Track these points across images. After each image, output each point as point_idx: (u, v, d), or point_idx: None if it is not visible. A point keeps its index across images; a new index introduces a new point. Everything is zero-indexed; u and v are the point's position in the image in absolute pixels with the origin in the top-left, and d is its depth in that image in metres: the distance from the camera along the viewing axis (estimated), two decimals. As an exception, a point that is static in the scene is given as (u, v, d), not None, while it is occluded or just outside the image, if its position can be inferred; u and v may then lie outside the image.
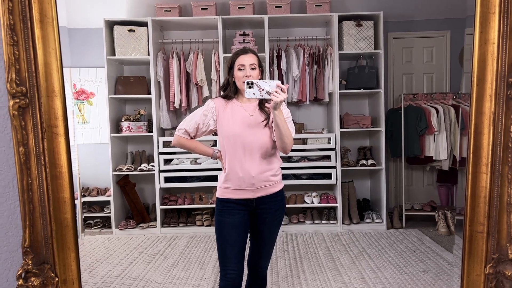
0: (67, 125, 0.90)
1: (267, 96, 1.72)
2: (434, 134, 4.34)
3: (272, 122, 1.85)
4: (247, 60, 1.92)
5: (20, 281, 0.89)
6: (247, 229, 1.98)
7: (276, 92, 1.70)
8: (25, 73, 0.87)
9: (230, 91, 1.98)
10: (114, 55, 4.35)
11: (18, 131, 0.84)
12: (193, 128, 2.01)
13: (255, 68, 1.93)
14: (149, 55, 4.30)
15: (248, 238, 2.06)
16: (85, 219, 4.64)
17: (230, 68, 1.98)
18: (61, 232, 0.91)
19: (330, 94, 4.46)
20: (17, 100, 0.85)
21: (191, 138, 2.05)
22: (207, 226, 4.33)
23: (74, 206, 0.93)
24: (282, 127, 1.79)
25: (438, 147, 4.34)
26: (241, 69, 1.91)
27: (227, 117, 1.93)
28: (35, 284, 0.89)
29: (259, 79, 1.95)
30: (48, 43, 0.91)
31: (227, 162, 1.93)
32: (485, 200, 0.93)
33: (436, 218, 4.33)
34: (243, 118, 1.91)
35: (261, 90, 1.71)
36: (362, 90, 4.40)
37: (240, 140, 1.89)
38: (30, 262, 0.89)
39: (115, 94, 4.41)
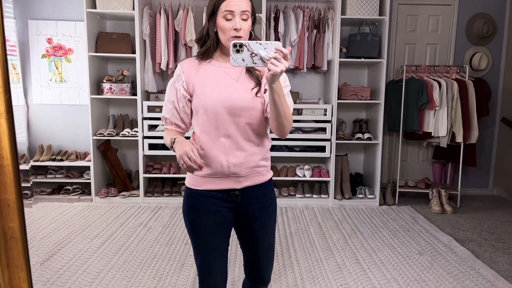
0: (10, 100, 0.63)
1: (261, 64, 1.24)
2: (435, 109, 4.13)
3: (265, 92, 1.40)
4: (238, 4, 1.37)
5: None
6: (230, 230, 1.55)
7: (274, 58, 1.21)
8: None
9: (210, 48, 1.45)
10: (95, 8, 3.93)
11: None
12: (171, 113, 1.48)
13: (247, 19, 1.40)
14: (134, 10, 3.91)
15: (239, 246, 1.65)
16: (62, 185, 4.37)
17: (211, 14, 1.42)
18: (5, 245, 0.67)
19: (329, 62, 4.18)
20: None
21: (182, 129, 1.51)
22: (193, 196, 4.12)
23: (22, 211, 0.68)
24: (280, 106, 1.33)
25: (438, 123, 4.15)
26: (228, 19, 1.38)
27: (202, 83, 1.43)
28: (-30, 313, 0.65)
29: (250, 37, 1.44)
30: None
31: (205, 142, 1.45)
32: None
33: (430, 195, 4.21)
34: (225, 84, 1.42)
35: (253, 55, 1.23)
36: (362, 59, 4.11)
37: (222, 114, 1.40)
38: (-39, 284, 0.65)
39: (96, 52, 4.03)
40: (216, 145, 1.43)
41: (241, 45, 1.23)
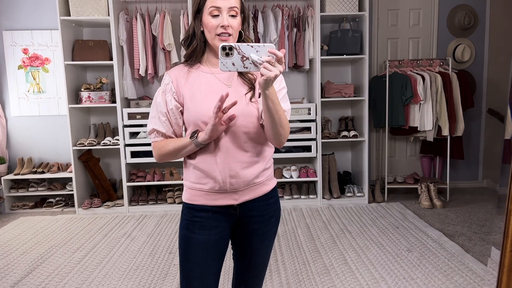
0: None
1: (253, 69, 1.15)
2: (420, 104, 4.09)
3: (260, 96, 1.29)
4: (225, 0, 1.28)
5: None
6: (225, 249, 1.42)
7: (268, 62, 1.11)
8: None
9: (196, 49, 1.35)
10: (69, 15, 3.85)
11: None
12: (165, 126, 1.36)
13: (236, 15, 1.30)
14: (109, 15, 3.83)
15: (231, 257, 1.54)
16: (45, 198, 4.27)
17: (197, 12, 1.33)
18: None
19: (311, 61, 4.12)
20: None
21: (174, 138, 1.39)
22: (179, 203, 4.04)
23: None
24: (275, 113, 1.23)
25: (423, 117, 4.10)
26: (215, 15, 1.28)
27: (191, 93, 1.32)
28: None
29: (240, 37, 1.34)
30: None
31: (197, 155, 1.34)
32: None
33: (419, 191, 4.16)
34: (217, 91, 1.30)
35: (244, 59, 1.13)
36: (345, 56, 4.06)
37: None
38: None
39: (72, 60, 3.94)
40: (210, 160, 1.32)
41: (230, 48, 1.13)
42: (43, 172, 4.14)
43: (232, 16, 1.29)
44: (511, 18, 4.26)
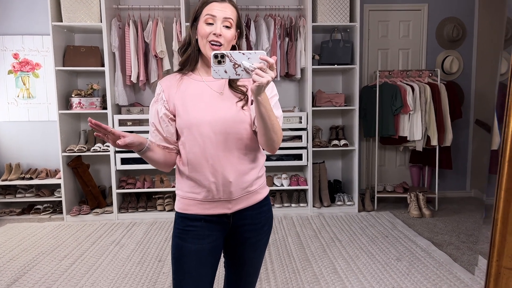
0: None
1: (245, 76, 1.17)
2: (409, 114, 4.14)
3: (252, 103, 1.31)
4: (221, 10, 1.29)
5: None
6: (219, 258, 1.42)
7: (260, 69, 1.13)
8: None
9: (190, 56, 1.36)
10: (61, 21, 3.84)
11: None
12: (155, 136, 1.37)
13: (230, 27, 1.31)
14: (101, 22, 3.83)
15: (222, 264, 1.53)
16: (32, 205, 4.21)
17: (194, 21, 1.35)
18: None
19: (302, 70, 4.16)
20: None
21: (170, 149, 1.39)
22: (168, 211, 4.02)
23: None
24: (268, 119, 1.23)
25: (412, 127, 4.16)
26: (209, 23, 1.30)
27: (183, 100, 1.33)
28: None
29: (234, 49, 1.36)
30: None
31: (190, 163, 1.34)
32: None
33: (408, 200, 4.19)
34: (208, 99, 1.32)
35: (236, 66, 1.15)
36: (336, 66, 4.11)
37: (207, 133, 1.29)
38: None
39: (63, 66, 3.92)
40: (203, 168, 1.32)
41: (222, 56, 1.15)
42: (31, 178, 4.09)
43: (227, 27, 1.30)
44: (498, 31, 4.35)
